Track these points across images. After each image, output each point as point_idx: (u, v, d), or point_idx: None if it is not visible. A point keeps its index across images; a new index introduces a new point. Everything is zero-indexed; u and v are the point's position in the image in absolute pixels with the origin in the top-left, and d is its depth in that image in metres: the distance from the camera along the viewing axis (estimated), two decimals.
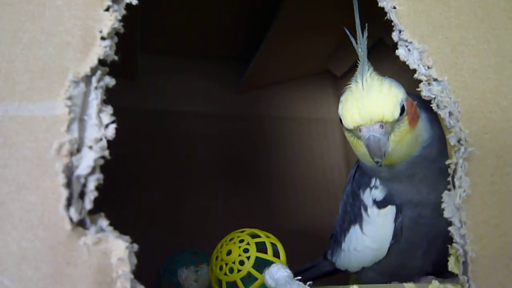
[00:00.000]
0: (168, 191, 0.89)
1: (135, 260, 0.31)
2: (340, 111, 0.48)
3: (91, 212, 0.32)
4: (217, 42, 0.92)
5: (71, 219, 0.30)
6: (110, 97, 0.37)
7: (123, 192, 0.82)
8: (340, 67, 0.96)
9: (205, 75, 0.97)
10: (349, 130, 0.48)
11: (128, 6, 0.38)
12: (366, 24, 0.48)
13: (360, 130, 0.45)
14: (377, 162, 0.45)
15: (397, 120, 0.45)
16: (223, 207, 0.91)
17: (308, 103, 1.02)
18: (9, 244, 0.30)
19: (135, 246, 0.32)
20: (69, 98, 0.33)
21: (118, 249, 0.31)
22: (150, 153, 0.89)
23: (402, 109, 0.46)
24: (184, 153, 0.92)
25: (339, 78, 1.00)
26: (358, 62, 0.48)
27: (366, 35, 0.47)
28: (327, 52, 0.95)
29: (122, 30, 0.37)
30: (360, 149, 0.48)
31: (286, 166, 0.98)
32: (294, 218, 0.94)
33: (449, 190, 0.40)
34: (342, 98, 0.48)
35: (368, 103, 0.45)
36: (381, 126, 0.44)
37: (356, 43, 0.48)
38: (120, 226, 0.34)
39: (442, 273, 0.52)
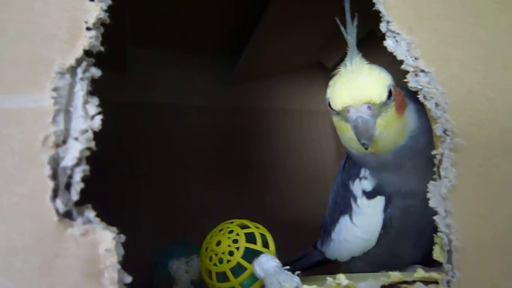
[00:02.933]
0: (161, 184, 0.89)
1: (122, 251, 0.32)
2: (328, 93, 0.48)
3: (78, 204, 0.32)
4: (208, 35, 0.92)
5: (57, 211, 0.30)
6: (101, 89, 0.37)
7: (117, 185, 0.82)
8: (332, 59, 0.96)
9: (197, 67, 0.96)
10: (337, 113, 0.48)
11: None
12: (356, 14, 0.48)
13: (348, 111, 0.46)
14: (363, 145, 0.45)
15: (385, 104, 0.46)
16: (217, 198, 0.91)
17: (300, 95, 1.02)
18: None
19: (122, 237, 0.32)
20: (55, 89, 0.33)
21: (106, 240, 0.31)
22: (142, 146, 0.89)
23: (390, 94, 0.46)
24: (176, 145, 0.92)
25: (330, 70, 1.00)
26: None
27: (356, 23, 0.48)
28: (318, 44, 0.94)
29: (108, 21, 0.37)
30: (347, 133, 0.48)
31: (278, 157, 0.98)
32: (287, 209, 0.94)
33: (435, 180, 0.41)
34: (330, 82, 0.49)
35: (357, 84, 0.46)
36: (369, 108, 0.45)
37: (346, 31, 0.48)
38: (114, 218, 0.34)
39: (431, 263, 0.53)
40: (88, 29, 0.35)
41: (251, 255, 0.49)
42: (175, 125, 0.93)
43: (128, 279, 0.32)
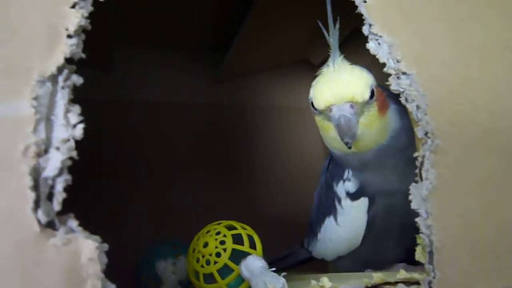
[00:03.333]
0: (148, 183, 0.88)
1: (105, 260, 0.32)
2: (311, 93, 0.49)
3: (60, 213, 0.32)
4: (193, 32, 0.91)
5: (39, 221, 0.30)
6: (85, 89, 0.37)
7: (103, 185, 0.81)
8: (318, 56, 0.96)
9: (183, 65, 0.96)
10: (320, 113, 0.49)
11: (95, 2, 0.38)
12: (338, 17, 0.48)
13: (330, 110, 0.46)
14: (346, 143, 0.46)
15: (367, 104, 0.47)
16: (205, 197, 0.91)
17: (288, 92, 1.02)
18: None
19: (105, 246, 0.32)
20: (35, 98, 0.33)
21: (88, 249, 0.31)
22: (129, 145, 0.89)
23: (372, 94, 0.47)
24: (163, 144, 0.92)
25: (317, 67, 1.00)
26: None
27: (338, 26, 0.48)
28: (305, 41, 0.94)
29: (89, 27, 0.37)
30: (330, 133, 0.49)
31: (266, 154, 0.98)
32: (275, 205, 0.95)
33: (416, 182, 0.41)
34: (313, 83, 0.49)
35: (339, 83, 0.47)
36: (351, 106, 0.46)
37: (328, 33, 0.48)
38: (101, 218, 0.34)
39: (415, 259, 0.54)
40: (69, 36, 0.35)
41: (238, 256, 0.49)
42: (161, 123, 0.93)
43: (111, 286, 0.32)
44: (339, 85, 0.46)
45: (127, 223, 0.79)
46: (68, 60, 0.36)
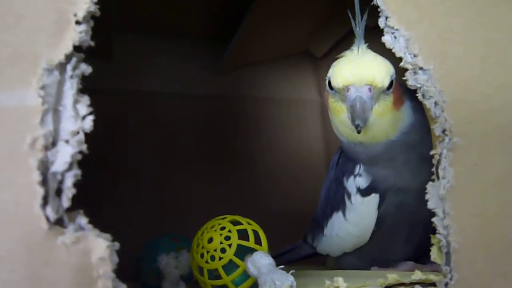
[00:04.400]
0: (147, 175, 0.87)
1: (116, 259, 0.30)
2: (330, 72, 0.48)
3: (69, 209, 0.30)
4: (195, 22, 0.89)
5: (47, 218, 0.29)
6: (85, 77, 0.35)
7: (101, 177, 0.80)
8: (321, 48, 0.95)
9: (184, 55, 0.94)
10: (335, 93, 0.48)
11: None
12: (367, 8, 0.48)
13: (348, 90, 0.46)
14: (357, 126, 0.45)
15: (384, 92, 0.47)
16: (205, 189, 0.90)
17: (288, 84, 1.01)
18: None
19: (116, 245, 0.31)
20: (42, 87, 0.31)
21: (99, 248, 0.29)
22: (128, 136, 0.87)
23: (391, 84, 0.47)
24: (163, 135, 0.90)
25: (319, 59, 0.99)
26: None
27: (366, 16, 0.48)
28: (307, 33, 0.93)
29: (98, 13, 0.35)
30: (341, 115, 0.48)
31: (266, 147, 0.97)
32: (275, 198, 0.94)
33: (433, 180, 0.40)
34: (334, 63, 0.49)
35: (362, 64, 0.46)
36: (370, 90, 0.45)
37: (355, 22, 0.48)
38: (100, 212, 0.32)
39: (422, 257, 0.53)
40: (77, 22, 0.33)
41: (243, 252, 0.48)
42: (162, 113, 0.91)
43: (123, 287, 0.30)
44: (361, 67, 0.46)
45: (124, 217, 0.77)
46: (75, 48, 0.34)
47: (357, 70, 0.46)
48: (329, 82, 0.48)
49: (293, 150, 0.98)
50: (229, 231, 0.49)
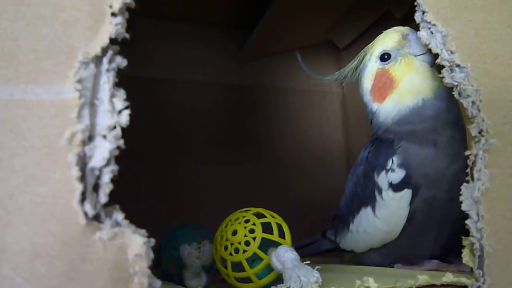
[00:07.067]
0: (166, 164, 0.86)
1: (152, 255, 0.30)
2: (379, 44, 0.54)
3: (105, 204, 0.30)
4: (217, 9, 0.88)
5: (85, 214, 0.29)
6: None
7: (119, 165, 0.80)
8: (343, 39, 0.93)
9: (205, 42, 0.93)
10: (395, 56, 0.53)
11: None
12: None
13: (407, 35, 0.52)
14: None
15: None
16: (224, 179, 0.90)
17: (309, 75, 1.00)
18: (20, 240, 0.28)
19: (152, 241, 0.30)
20: (79, 81, 0.31)
21: (135, 244, 0.29)
22: (148, 123, 0.86)
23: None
24: (183, 123, 0.90)
25: (341, 50, 0.98)
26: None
27: None
28: (330, 23, 0.91)
29: (133, 5, 0.35)
30: (414, 64, 0.51)
31: (287, 137, 0.96)
32: (295, 189, 0.93)
33: (467, 182, 0.40)
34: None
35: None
36: None
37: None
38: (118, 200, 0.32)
39: (447, 255, 0.52)
40: (113, 14, 0.33)
41: (266, 245, 0.48)
42: (183, 101, 0.90)
43: (158, 283, 0.30)
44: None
45: (145, 206, 0.77)
46: (110, 40, 0.33)
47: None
48: (382, 55, 0.53)
49: (313, 141, 0.98)
50: (254, 224, 0.49)
